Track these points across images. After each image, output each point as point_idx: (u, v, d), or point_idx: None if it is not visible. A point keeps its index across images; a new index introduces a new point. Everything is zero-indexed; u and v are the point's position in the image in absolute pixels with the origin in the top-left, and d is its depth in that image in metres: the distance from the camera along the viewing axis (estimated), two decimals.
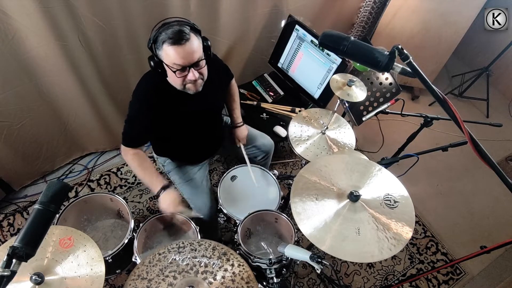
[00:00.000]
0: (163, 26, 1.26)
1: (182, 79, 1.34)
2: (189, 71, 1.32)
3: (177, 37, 1.23)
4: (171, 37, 1.23)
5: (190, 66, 1.31)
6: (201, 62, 1.33)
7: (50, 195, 0.83)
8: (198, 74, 1.34)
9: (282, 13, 2.32)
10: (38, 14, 1.53)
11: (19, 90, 1.77)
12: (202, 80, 1.40)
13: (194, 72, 1.32)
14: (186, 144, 1.69)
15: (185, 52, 1.26)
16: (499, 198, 2.58)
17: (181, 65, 1.28)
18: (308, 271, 2.08)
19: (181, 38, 1.23)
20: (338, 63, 2.03)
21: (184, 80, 1.35)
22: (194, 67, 1.32)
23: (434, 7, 2.57)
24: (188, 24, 1.29)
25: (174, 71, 1.30)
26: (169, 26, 1.25)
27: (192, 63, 1.30)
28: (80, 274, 1.15)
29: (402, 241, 1.08)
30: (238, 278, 1.10)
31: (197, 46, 1.30)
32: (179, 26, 1.25)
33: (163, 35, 1.24)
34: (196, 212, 1.76)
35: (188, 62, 1.29)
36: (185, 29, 1.25)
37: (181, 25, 1.26)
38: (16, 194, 2.24)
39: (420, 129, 1.97)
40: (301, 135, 1.72)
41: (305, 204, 1.16)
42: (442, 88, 3.34)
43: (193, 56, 1.29)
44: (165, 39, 1.24)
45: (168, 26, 1.25)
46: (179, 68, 1.29)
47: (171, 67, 1.29)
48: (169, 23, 1.26)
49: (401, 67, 0.84)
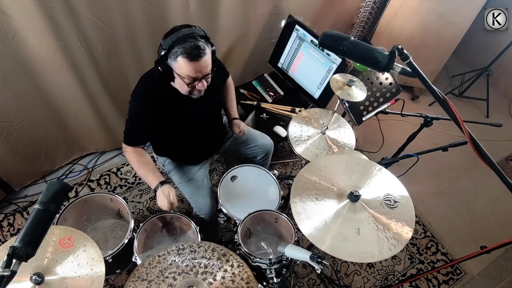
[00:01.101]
0: (177, 36, 1.24)
1: (191, 88, 1.36)
2: (200, 82, 1.35)
3: (195, 54, 1.24)
4: (188, 53, 1.23)
5: (201, 78, 1.34)
6: (211, 73, 1.36)
7: (50, 195, 0.83)
8: (206, 84, 1.37)
9: (282, 13, 2.32)
10: (38, 14, 1.53)
11: (19, 90, 1.77)
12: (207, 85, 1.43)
13: (203, 82, 1.36)
14: (185, 144, 1.69)
15: (200, 67, 1.29)
16: (499, 198, 2.58)
17: (194, 77, 1.31)
18: (308, 271, 2.08)
19: (199, 54, 1.25)
20: (338, 63, 2.03)
21: (193, 89, 1.37)
22: (205, 78, 1.35)
23: (434, 7, 2.57)
24: (202, 36, 1.29)
25: (186, 83, 1.33)
26: (185, 38, 1.24)
27: (204, 75, 1.33)
28: (80, 274, 1.15)
29: (402, 241, 1.09)
30: (238, 279, 1.10)
31: (209, 58, 1.32)
32: (195, 40, 1.24)
33: (179, 48, 1.24)
34: (197, 211, 1.76)
35: (201, 75, 1.32)
36: (201, 43, 1.25)
37: (197, 38, 1.25)
38: (16, 194, 2.24)
39: (420, 129, 1.97)
40: (301, 135, 1.72)
41: (305, 204, 1.16)
42: (442, 88, 3.34)
43: (207, 70, 1.32)
44: (181, 53, 1.24)
45: (184, 37, 1.24)
46: (191, 80, 1.32)
47: (183, 78, 1.31)
48: (184, 34, 1.24)
49: (401, 67, 0.84)
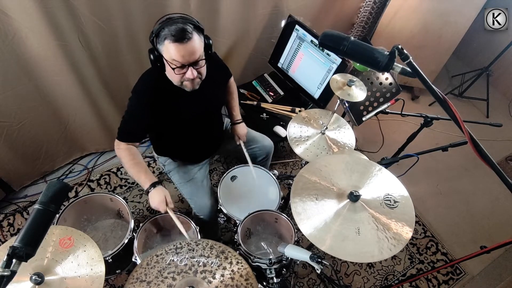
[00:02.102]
0: (167, 21, 1.26)
1: (180, 76, 1.34)
2: (187, 69, 1.32)
3: (179, 35, 1.23)
4: (173, 34, 1.22)
5: (189, 65, 1.31)
6: (200, 62, 1.33)
7: (50, 195, 0.83)
8: (196, 73, 1.34)
9: (282, 13, 2.32)
10: (38, 14, 1.53)
11: (19, 90, 1.77)
12: (200, 79, 1.40)
13: (192, 70, 1.32)
14: (185, 143, 1.69)
15: (186, 51, 1.26)
16: (499, 198, 2.58)
17: (180, 62, 1.28)
18: (308, 271, 2.08)
19: (183, 36, 1.23)
20: (338, 63, 2.03)
21: (182, 77, 1.35)
22: (193, 65, 1.32)
23: (434, 7, 2.57)
24: (192, 22, 1.29)
25: (173, 68, 1.30)
26: (173, 22, 1.24)
27: (192, 62, 1.30)
28: (80, 274, 1.15)
29: (402, 241, 1.08)
30: (237, 276, 1.10)
31: (199, 46, 1.29)
32: (183, 24, 1.24)
33: (165, 31, 1.24)
34: (196, 212, 1.76)
35: (187, 61, 1.29)
36: (188, 27, 1.24)
37: (185, 22, 1.25)
38: (16, 194, 2.24)
39: (420, 129, 1.97)
40: (300, 135, 1.72)
41: (305, 204, 1.16)
42: (442, 88, 3.34)
43: (194, 55, 1.29)
44: (167, 35, 1.23)
45: (172, 22, 1.24)
46: (178, 65, 1.29)
47: (170, 63, 1.29)
48: (173, 19, 1.26)
49: (401, 67, 0.83)
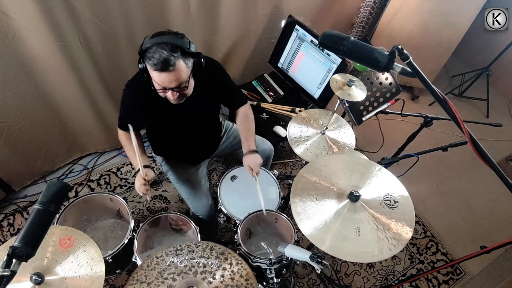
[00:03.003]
0: (155, 41, 1.20)
1: (162, 93, 1.33)
2: (168, 91, 1.31)
3: (161, 66, 1.20)
4: (155, 63, 1.19)
5: (170, 89, 1.29)
6: (183, 87, 1.31)
7: (50, 195, 0.83)
8: (178, 95, 1.32)
9: (282, 14, 2.32)
10: (38, 14, 1.53)
11: (19, 90, 1.77)
12: (183, 96, 1.37)
13: (173, 93, 1.31)
14: (179, 144, 1.69)
15: (167, 79, 1.24)
16: (499, 198, 2.58)
17: (161, 86, 1.28)
18: (308, 271, 2.08)
19: (165, 68, 1.20)
20: (338, 63, 2.03)
21: (164, 95, 1.34)
22: (175, 90, 1.30)
23: (434, 7, 2.57)
24: (181, 46, 1.22)
25: (155, 88, 1.30)
26: (158, 47, 1.19)
27: (173, 87, 1.29)
28: (80, 274, 1.15)
29: (402, 241, 1.08)
30: (237, 276, 1.10)
31: (182, 73, 1.25)
32: (169, 52, 1.18)
33: (150, 56, 1.19)
34: (194, 212, 1.76)
35: (168, 86, 1.28)
36: (172, 58, 1.19)
37: (172, 50, 1.19)
38: (16, 194, 2.24)
39: (420, 129, 1.97)
40: (300, 135, 1.72)
41: (305, 204, 1.16)
42: (442, 88, 3.33)
43: (175, 83, 1.27)
44: (149, 58, 1.20)
45: (157, 47, 1.19)
46: (159, 88, 1.29)
47: (153, 83, 1.29)
48: (160, 42, 1.19)
49: (401, 67, 0.83)
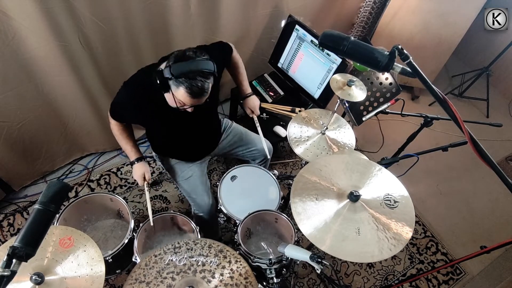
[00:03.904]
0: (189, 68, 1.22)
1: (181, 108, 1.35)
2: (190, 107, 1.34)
3: (197, 93, 1.24)
4: (193, 92, 1.23)
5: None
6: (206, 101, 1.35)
7: (50, 195, 0.83)
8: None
9: (282, 14, 2.32)
10: (38, 14, 1.52)
11: (19, 90, 1.77)
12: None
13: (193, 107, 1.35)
14: (179, 141, 1.69)
15: (197, 102, 1.30)
16: (499, 198, 2.58)
17: (186, 105, 1.31)
18: (308, 271, 2.08)
19: (201, 95, 1.26)
20: (338, 63, 2.03)
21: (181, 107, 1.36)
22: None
23: (434, 7, 2.57)
24: (212, 72, 1.26)
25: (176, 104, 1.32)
26: (196, 74, 1.21)
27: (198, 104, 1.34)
28: (80, 274, 1.15)
29: (402, 241, 1.08)
30: (236, 275, 1.10)
31: (209, 93, 1.31)
32: (204, 79, 1.23)
33: (185, 81, 1.21)
34: (195, 210, 1.76)
35: (194, 105, 1.33)
36: (206, 85, 1.25)
37: (207, 77, 1.24)
38: (16, 194, 2.24)
39: (420, 129, 1.97)
40: (300, 135, 1.72)
41: (305, 204, 1.16)
42: (442, 88, 3.34)
43: (201, 102, 1.32)
44: (186, 87, 1.22)
45: (195, 74, 1.21)
46: (182, 105, 1.32)
47: (176, 101, 1.31)
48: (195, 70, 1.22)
49: (401, 67, 0.83)
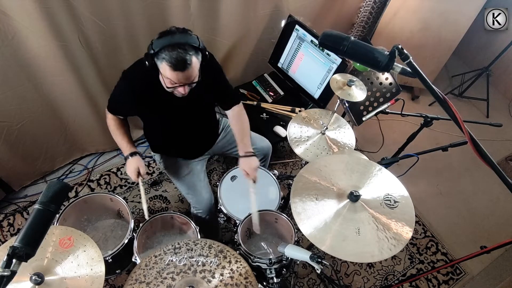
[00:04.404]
0: (169, 41, 1.22)
1: (172, 88, 1.34)
2: (180, 87, 1.33)
3: (179, 65, 1.23)
4: (173, 63, 1.22)
5: (183, 84, 1.32)
6: (195, 81, 1.34)
7: (50, 195, 0.83)
8: (188, 89, 1.35)
9: (282, 14, 2.32)
10: (38, 14, 1.52)
11: (19, 90, 1.77)
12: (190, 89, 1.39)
13: (185, 88, 1.34)
14: (176, 138, 1.69)
15: (182, 77, 1.27)
16: (499, 198, 2.58)
17: (175, 83, 1.30)
18: (308, 271, 2.08)
19: (182, 67, 1.24)
20: (338, 63, 2.03)
21: (174, 89, 1.35)
22: (187, 85, 1.33)
23: (434, 7, 2.57)
24: (193, 45, 1.25)
25: (165, 83, 1.32)
26: (175, 46, 1.21)
27: (186, 83, 1.31)
28: (80, 274, 1.15)
29: (402, 241, 1.09)
30: (236, 275, 1.10)
31: (195, 69, 1.29)
32: (184, 51, 1.22)
33: (165, 54, 1.22)
34: (194, 208, 1.76)
35: (182, 83, 1.30)
36: (188, 56, 1.23)
37: (186, 49, 1.23)
38: (16, 194, 2.24)
39: (420, 129, 1.97)
40: (300, 135, 1.72)
41: (305, 204, 1.16)
42: (442, 88, 3.33)
43: (189, 80, 1.30)
44: (167, 60, 1.22)
45: (174, 46, 1.21)
46: (172, 84, 1.31)
47: (165, 79, 1.31)
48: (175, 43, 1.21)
49: (401, 67, 0.83)
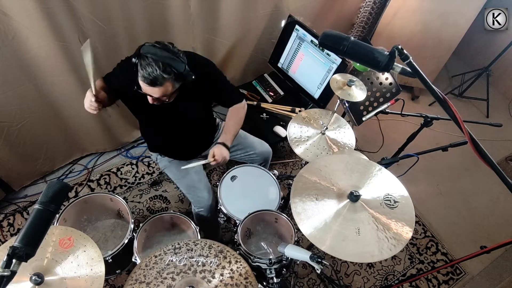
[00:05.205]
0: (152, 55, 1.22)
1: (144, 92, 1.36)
2: (149, 96, 1.35)
3: (148, 81, 1.25)
4: (145, 77, 1.24)
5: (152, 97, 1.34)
6: (163, 99, 1.35)
7: (50, 195, 0.83)
8: (157, 102, 1.37)
9: (282, 14, 2.32)
10: (38, 14, 1.52)
11: (19, 90, 1.77)
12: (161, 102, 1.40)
13: (152, 99, 1.36)
14: (168, 140, 1.70)
15: (150, 90, 1.30)
16: (499, 198, 2.58)
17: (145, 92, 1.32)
18: (308, 271, 2.08)
19: (152, 83, 1.25)
20: (338, 63, 2.03)
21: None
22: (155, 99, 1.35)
23: (434, 7, 2.57)
24: (174, 69, 1.25)
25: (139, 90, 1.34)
26: (157, 61, 1.22)
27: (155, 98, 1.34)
28: (80, 274, 1.15)
29: (402, 241, 1.08)
30: (236, 275, 1.10)
31: (166, 91, 1.30)
32: (160, 71, 1.22)
33: (145, 63, 1.22)
34: (195, 206, 1.75)
35: (149, 95, 1.33)
36: (160, 78, 1.23)
37: (164, 70, 1.22)
38: (16, 194, 2.24)
39: (420, 129, 1.97)
40: (300, 135, 1.72)
41: (305, 204, 1.16)
42: (442, 88, 3.34)
43: (156, 95, 1.32)
44: (142, 67, 1.23)
45: (156, 61, 1.22)
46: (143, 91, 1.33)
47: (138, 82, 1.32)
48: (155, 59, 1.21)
49: (401, 67, 0.83)
